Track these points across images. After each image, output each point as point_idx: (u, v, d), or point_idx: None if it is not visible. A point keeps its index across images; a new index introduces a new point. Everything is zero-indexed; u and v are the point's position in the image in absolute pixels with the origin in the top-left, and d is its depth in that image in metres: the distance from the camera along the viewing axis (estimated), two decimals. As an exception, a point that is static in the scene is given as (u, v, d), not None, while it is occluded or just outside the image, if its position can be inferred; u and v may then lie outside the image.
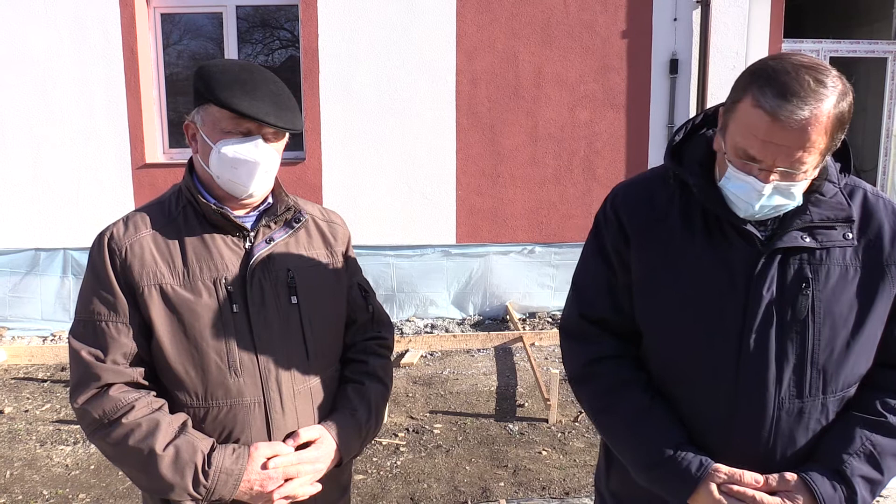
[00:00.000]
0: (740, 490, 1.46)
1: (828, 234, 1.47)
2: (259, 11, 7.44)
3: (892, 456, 1.49)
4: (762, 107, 1.32)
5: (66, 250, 7.16)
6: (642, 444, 1.55)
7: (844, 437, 1.49)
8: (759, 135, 1.34)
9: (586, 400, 1.69)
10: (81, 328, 1.65)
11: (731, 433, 1.50)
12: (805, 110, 1.29)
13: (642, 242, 1.57)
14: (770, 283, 1.46)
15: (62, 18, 6.92)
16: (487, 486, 4.01)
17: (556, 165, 7.22)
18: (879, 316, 1.50)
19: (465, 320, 7.34)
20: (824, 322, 1.46)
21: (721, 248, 1.50)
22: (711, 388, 1.50)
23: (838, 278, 1.47)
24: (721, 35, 7.00)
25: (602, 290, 1.64)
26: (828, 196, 1.48)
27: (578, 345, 1.69)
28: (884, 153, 8.69)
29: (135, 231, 1.67)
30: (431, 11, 6.99)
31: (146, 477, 1.59)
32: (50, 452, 4.50)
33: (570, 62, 7.08)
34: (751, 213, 1.43)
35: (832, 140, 1.35)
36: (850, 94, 1.35)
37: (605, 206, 1.66)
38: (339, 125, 7.12)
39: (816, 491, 1.44)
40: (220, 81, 1.60)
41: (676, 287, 1.52)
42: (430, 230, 7.31)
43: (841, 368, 1.49)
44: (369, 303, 1.92)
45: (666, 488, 1.54)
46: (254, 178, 1.65)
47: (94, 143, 7.09)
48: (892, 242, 1.49)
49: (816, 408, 1.49)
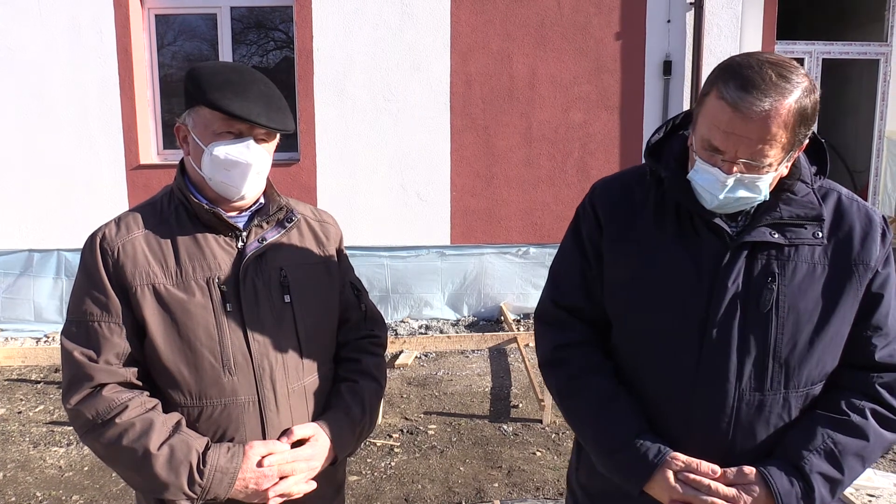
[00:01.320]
0: (696, 479, 1.47)
1: (797, 231, 1.49)
2: (253, 13, 7.44)
3: (853, 455, 1.49)
4: (725, 98, 1.36)
5: (60, 251, 7.15)
6: (604, 430, 1.58)
7: (806, 434, 1.50)
8: (721, 126, 1.37)
9: (554, 384, 1.72)
10: (74, 329, 1.65)
11: (692, 423, 1.52)
12: (765, 102, 1.33)
13: (615, 234, 1.61)
14: (736, 276, 1.48)
15: (56, 19, 6.91)
16: (482, 487, 4.02)
17: (550, 166, 7.23)
18: (845, 314, 1.50)
19: (460, 321, 7.34)
20: (788, 316, 1.47)
21: (691, 241, 1.53)
22: (674, 378, 1.52)
23: (805, 275, 1.49)
24: (714, 37, 7.03)
25: (576, 278, 1.67)
26: (799, 195, 1.51)
27: (550, 330, 1.72)
28: (876, 154, 8.73)
29: (127, 231, 1.68)
30: (426, 13, 7.00)
31: (141, 477, 1.59)
32: (43, 454, 4.49)
33: (564, 63, 7.10)
34: (716, 204, 1.45)
35: (794, 135, 1.38)
36: (815, 92, 1.38)
37: (585, 199, 1.71)
38: (334, 126, 7.13)
39: (773, 485, 1.45)
40: (211, 83, 1.61)
41: (645, 278, 1.55)
42: (425, 231, 7.32)
43: (804, 364, 1.49)
44: (362, 301, 1.93)
45: (624, 474, 1.55)
46: (246, 180, 1.66)
47: (88, 143, 7.07)
48: (862, 243, 1.51)
49: (778, 402, 1.50)
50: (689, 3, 6.99)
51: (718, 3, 7.02)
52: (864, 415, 1.50)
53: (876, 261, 1.52)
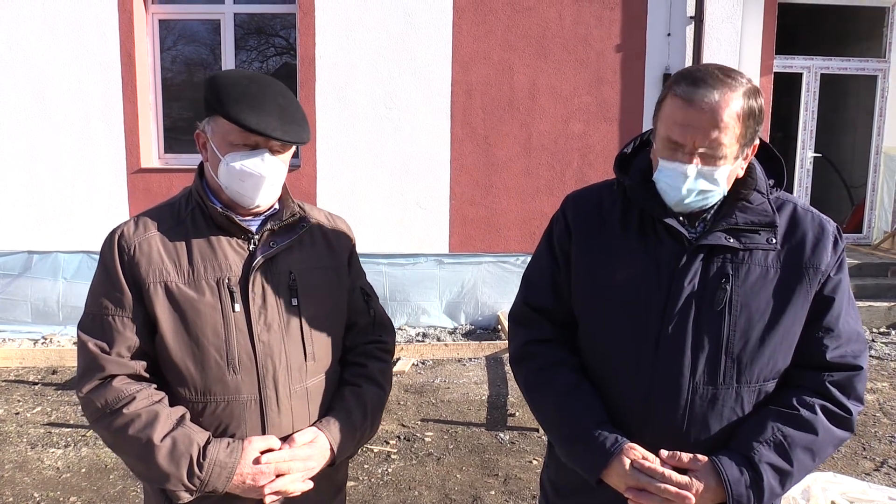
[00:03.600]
0: (651, 466, 1.55)
1: (752, 237, 1.60)
2: (255, 19, 7.48)
3: (802, 448, 1.57)
4: (679, 96, 1.51)
5: (59, 253, 7.16)
6: (566, 420, 1.67)
7: (757, 427, 1.58)
8: (678, 120, 1.51)
9: (522, 377, 1.81)
10: (89, 321, 1.71)
11: (648, 416, 1.61)
12: (714, 94, 1.48)
13: (583, 241, 1.72)
14: (693, 277, 1.58)
15: (60, 23, 6.94)
16: (478, 495, 4.03)
17: (549, 176, 7.27)
18: (796, 314, 1.59)
19: (457, 329, 7.36)
20: (740, 314, 1.57)
21: (652, 245, 1.63)
22: (633, 373, 1.62)
23: (758, 277, 1.59)
24: (714, 51, 7.08)
25: (546, 281, 1.78)
26: (754, 204, 1.62)
27: (520, 328, 1.83)
28: (873, 170, 8.78)
29: (144, 230, 1.73)
30: (428, 22, 7.05)
31: (144, 466, 1.64)
32: (41, 455, 4.50)
33: (565, 75, 7.14)
34: (680, 197, 1.56)
35: (745, 127, 1.51)
36: (760, 97, 1.54)
37: (558, 210, 1.82)
38: (335, 133, 7.16)
39: (723, 473, 1.53)
40: (230, 95, 1.65)
41: (609, 280, 1.65)
42: (424, 239, 7.34)
43: (756, 360, 1.58)
44: (371, 307, 1.95)
45: (583, 462, 1.64)
46: (260, 191, 1.70)
47: (90, 146, 7.10)
48: (814, 249, 1.61)
49: (730, 396, 1.59)
50: (690, 16, 7.05)
51: (718, 17, 7.08)
52: (813, 410, 1.58)
53: (827, 265, 1.61)
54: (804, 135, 8.79)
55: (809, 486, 3.55)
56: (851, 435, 1.65)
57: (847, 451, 4.55)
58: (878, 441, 4.72)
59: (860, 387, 1.63)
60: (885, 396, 5.54)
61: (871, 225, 8.89)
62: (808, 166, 8.84)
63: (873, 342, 6.82)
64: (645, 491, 1.54)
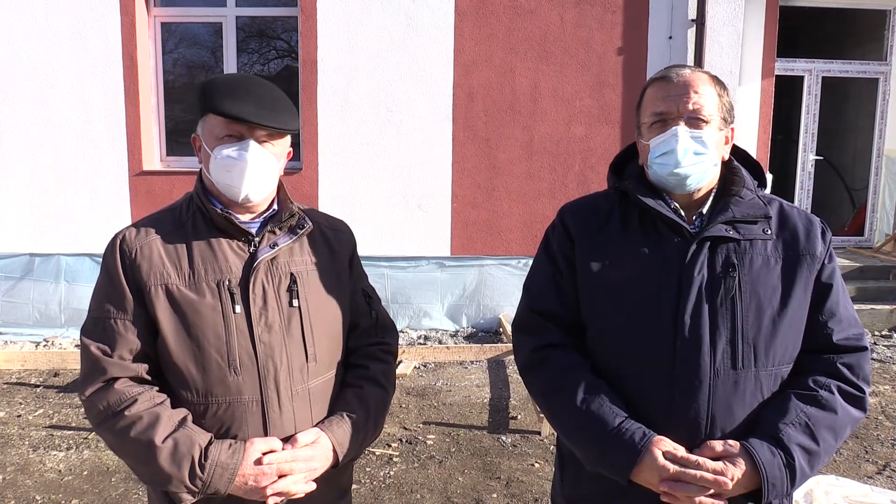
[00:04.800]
0: (684, 455, 1.55)
1: (749, 228, 1.68)
2: (257, 21, 7.49)
3: (826, 428, 1.60)
4: (655, 81, 1.69)
5: (61, 256, 7.17)
6: (590, 422, 1.64)
7: (780, 410, 1.61)
8: (658, 96, 1.67)
9: (537, 384, 1.79)
10: (92, 324, 1.72)
11: (672, 407, 1.60)
12: (686, 70, 1.67)
13: (586, 244, 1.74)
14: (700, 268, 1.63)
15: (62, 25, 6.96)
16: (480, 498, 4.03)
17: (551, 179, 7.27)
18: (801, 298, 1.65)
19: (459, 332, 7.36)
20: (750, 301, 1.62)
21: (656, 242, 1.68)
22: (653, 367, 1.62)
23: (761, 265, 1.65)
24: (715, 54, 7.08)
25: (549, 286, 1.79)
26: (746, 199, 1.71)
27: (527, 336, 1.82)
28: (875, 172, 8.77)
29: (146, 234, 1.75)
30: (430, 25, 7.05)
31: (146, 468, 1.64)
32: (43, 458, 4.50)
33: (567, 78, 7.15)
34: (675, 161, 1.63)
35: (720, 97, 1.67)
36: (728, 94, 1.70)
37: (554, 221, 1.86)
38: (336, 136, 7.17)
39: (756, 455, 1.54)
40: (216, 91, 1.69)
41: (618, 280, 1.68)
42: (425, 242, 7.34)
43: (770, 343, 1.62)
44: (373, 308, 1.96)
45: (612, 462, 1.61)
46: (244, 179, 1.71)
47: (92, 149, 7.11)
48: (807, 238, 1.69)
49: (750, 380, 1.61)
50: (691, 19, 7.06)
51: (720, 20, 7.08)
52: (830, 390, 1.63)
53: (821, 253, 1.69)
54: (806, 138, 8.79)
55: (812, 490, 3.54)
56: (864, 415, 1.69)
57: (849, 454, 4.55)
58: (880, 444, 4.71)
59: (867, 367, 1.69)
60: (888, 399, 5.53)
61: (873, 228, 8.88)
62: (809, 169, 8.84)
63: (875, 345, 6.81)
64: (680, 482, 1.53)
